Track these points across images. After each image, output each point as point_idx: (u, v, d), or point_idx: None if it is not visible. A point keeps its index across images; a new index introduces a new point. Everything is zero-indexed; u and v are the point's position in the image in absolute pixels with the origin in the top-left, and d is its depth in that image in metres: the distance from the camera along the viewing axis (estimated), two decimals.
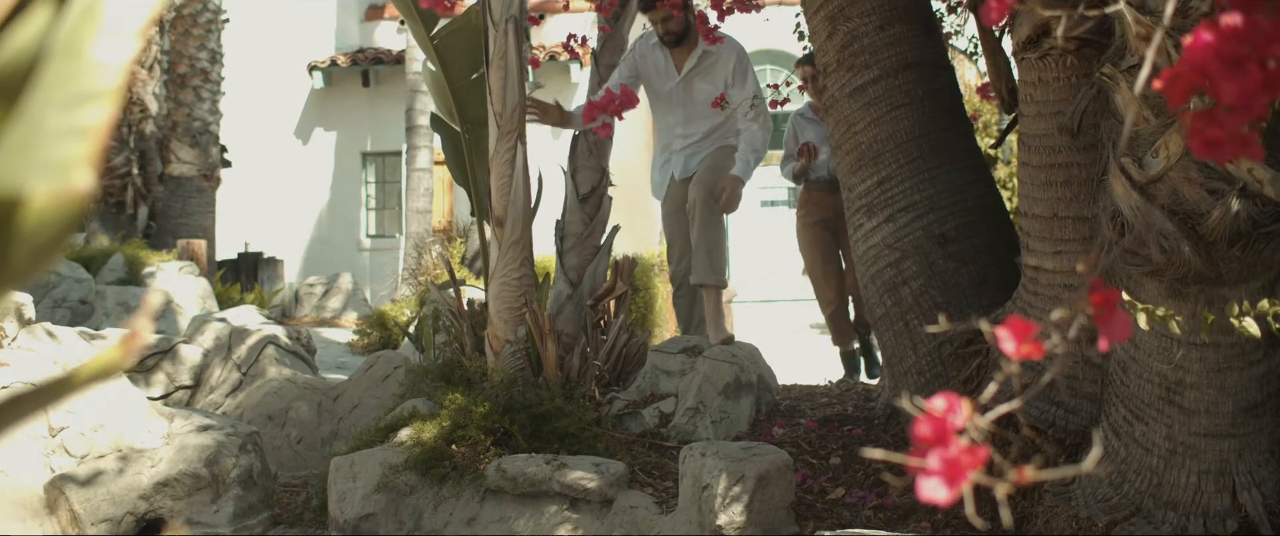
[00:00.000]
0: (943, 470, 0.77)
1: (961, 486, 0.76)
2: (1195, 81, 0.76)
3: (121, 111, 12.74)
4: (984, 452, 0.77)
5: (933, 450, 0.78)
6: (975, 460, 0.77)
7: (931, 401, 0.79)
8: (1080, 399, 3.34)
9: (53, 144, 0.48)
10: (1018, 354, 0.83)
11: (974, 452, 0.77)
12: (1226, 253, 2.56)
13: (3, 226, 0.47)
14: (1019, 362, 0.85)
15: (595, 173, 5.15)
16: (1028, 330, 0.84)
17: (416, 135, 14.03)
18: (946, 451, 0.77)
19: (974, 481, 0.77)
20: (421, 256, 11.97)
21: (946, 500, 0.77)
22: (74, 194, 0.47)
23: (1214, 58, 0.75)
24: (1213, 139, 0.81)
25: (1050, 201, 3.30)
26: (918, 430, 0.78)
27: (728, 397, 4.45)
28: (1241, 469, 2.86)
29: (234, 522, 4.05)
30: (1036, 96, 3.28)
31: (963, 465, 0.76)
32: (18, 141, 0.48)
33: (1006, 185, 10.61)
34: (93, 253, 10.65)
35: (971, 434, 0.78)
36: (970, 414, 0.79)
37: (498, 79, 4.74)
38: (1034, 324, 0.85)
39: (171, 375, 5.59)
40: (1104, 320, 0.93)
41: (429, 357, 5.39)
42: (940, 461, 0.77)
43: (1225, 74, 0.75)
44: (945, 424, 0.78)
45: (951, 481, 0.76)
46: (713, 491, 3.25)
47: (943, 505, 0.77)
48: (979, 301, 3.93)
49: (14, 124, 0.48)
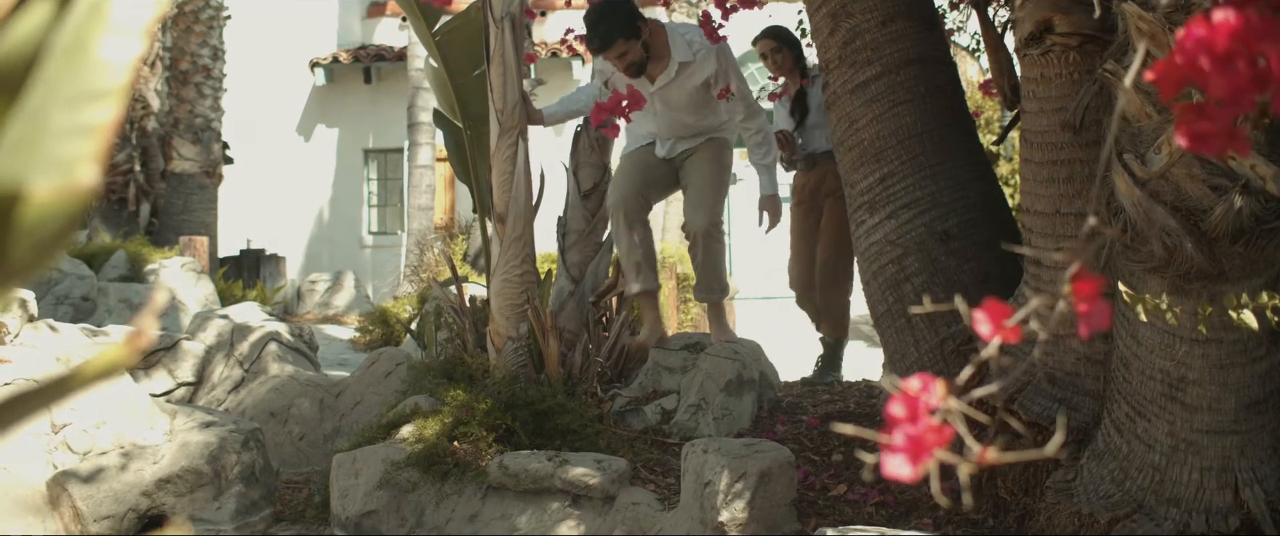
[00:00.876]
0: (907, 447, 0.77)
1: (925, 463, 0.76)
2: (1186, 75, 0.77)
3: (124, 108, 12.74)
4: (949, 431, 0.77)
5: (899, 427, 0.78)
6: (940, 438, 0.77)
7: (907, 381, 0.79)
8: (1083, 395, 3.34)
9: (57, 141, 0.48)
10: (992, 336, 0.84)
11: (939, 430, 0.77)
12: (1229, 249, 2.56)
13: (6, 222, 0.47)
14: (1000, 347, 0.86)
15: (597, 169, 5.15)
16: (1004, 313, 0.84)
17: (418, 132, 14.03)
18: (913, 428, 0.77)
19: (938, 459, 0.77)
20: (423, 253, 11.98)
21: (910, 477, 0.76)
22: (78, 190, 0.47)
23: (1206, 52, 0.76)
24: (1201, 132, 0.81)
25: (1052, 198, 3.30)
26: (890, 408, 0.78)
27: (730, 394, 4.45)
28: (1244, 465, 2.86)
29: (236, 519, 4.05)
30: (1039, 93, 3.28)
31: (927, 442, 0.76)
32: (21, 137, 0.48)
33: (1008, 182, 10.60)
34: (95, 249, 10.65)
35: (945, 416, 0.78)
36: (944, 395, 0.79)
37: (498, 75, 4.74)
38: (1010, 308, 0.85)
39: (174, 372, 5.59)
40: (1085, 308, 0.93)
41: (431, 354, 5.39)
42: (905, 438, 0.77)
43: (1216, 68, 0.76)
44: (918, 403, 0.78)
45: (915, 458, 0.76)
46: (715, 488, 3.25)
47: (907, 482, 0.77)
48: (981, 298, 3.91)
49: (17, 120, 0.48)
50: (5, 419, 0.51)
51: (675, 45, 4.91)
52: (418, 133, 14.06)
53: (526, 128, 4.83)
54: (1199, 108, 0.79)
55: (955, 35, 7.36)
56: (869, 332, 10.33)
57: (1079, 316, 0.91)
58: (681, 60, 4.90)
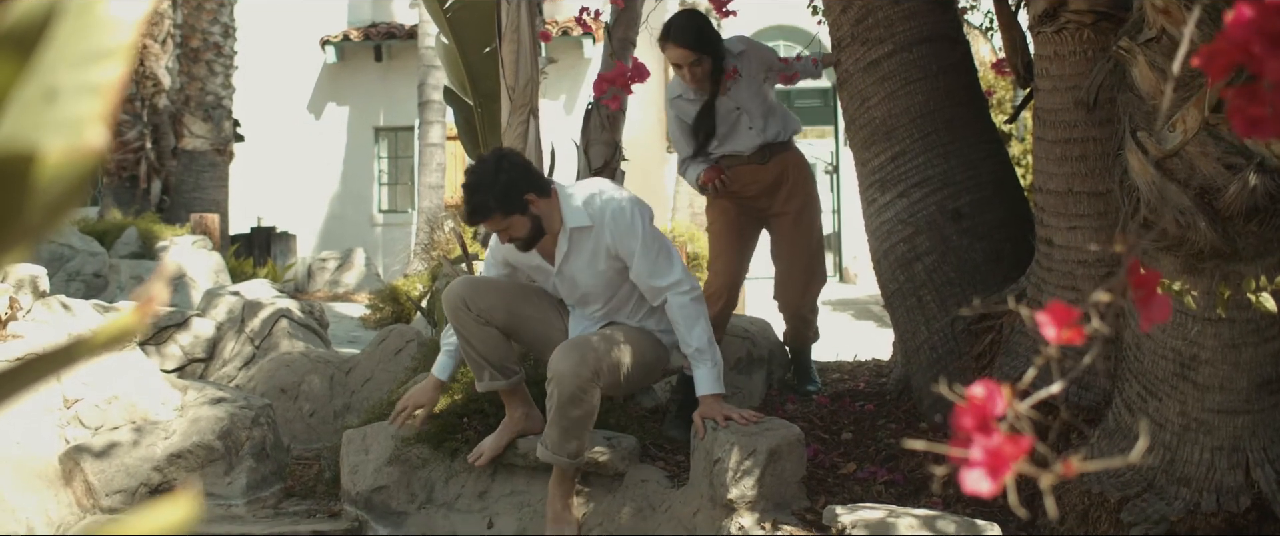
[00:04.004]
0: (986, 461, 0.75)
1: (1005, 477, 0.75)
2: (1235, 57, 0.74)
3: (134, 85, 12.76)
4: (1027, 442, 0.75)
5: (975, 439, 0.76)
6: (1019, 449, 0.75)
7: (971, 389, 0.77)
8: (1093, 375, 3.33)
9: (65, 101, 0.48)
10: (1058, 339, 0.81)
11: (1017, 442, 0.75)
12: (1243, 228, 2.54)
13: (16, 183, 0.46)
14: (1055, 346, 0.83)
15: (608, 147, 5.14)
16: (1069, 315, 0.82)
17: (429, 110, 14.03)
18: (989, 441, 0.75)
19: (1018, 471, 0.76)
20: (434, 231, 11.98)
21: (990, 492, 0.75)
22: (87, 151, 0.47)
23: (1256, 33, 0.73)
24: (1255, 117, 0.79)
25: (1065, 176, 3.29)
26: (959, 419, 0.76)
27: (740, 372, 4.45)
28: (1255, 445, 2.85)
29: (247, 494, 4.07)
30: (1052, 70, 3.26)
31: (1006, 455, 0.74)
32: (30, 99, 0.48)
33: (1021, 162, 10.57)
34: (106, 226, 10.69)
35: (1011, 421, 0.76)
36: (1010, 400, 0.77)
37: (510, 53, 4.74)
38: (1074, 309, 0.83)
39: (185, 348, 5.61)
40: (1144, 302, 0.92)
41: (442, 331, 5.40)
42: (984, 452, 0.75)
43: (1268, 50, 0.73)
44: (987, 412, 0.76)
45: (995, 472, 0.74)
46: (724, 465, 3.25)
47: (986, 497, 0.76)
48: (992, 277, 3.92)
49: (26, 81, 0.48)
50: (18, 383, 0.51)
51: (567, 209, 3.62)
52: (428, 111, 14.06)
53: (537, 105, 4.82)
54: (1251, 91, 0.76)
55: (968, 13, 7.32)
56: (879, 312, 10.33)
57: (1138, 309, 0.89)
58: (573, 227, 3.62)
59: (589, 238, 3.62)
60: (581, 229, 3.60)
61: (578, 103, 15.31)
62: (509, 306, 3.68)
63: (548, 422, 3.51)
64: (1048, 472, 0.76)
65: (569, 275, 3.69)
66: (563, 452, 3.50)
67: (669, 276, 3.56)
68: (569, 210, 3.61)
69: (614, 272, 3.66)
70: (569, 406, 3.43)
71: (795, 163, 4.51)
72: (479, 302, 3.61)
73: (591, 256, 3.63)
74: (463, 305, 3.61)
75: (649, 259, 3.56)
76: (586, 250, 3.63)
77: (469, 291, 3.63)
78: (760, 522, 3.19)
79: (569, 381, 3.40)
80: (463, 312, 3.61)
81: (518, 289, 3.78)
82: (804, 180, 4.51)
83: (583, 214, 3.61)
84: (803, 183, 4.51)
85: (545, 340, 3.73)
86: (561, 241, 3.62)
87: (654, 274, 3.56)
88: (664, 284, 3.55)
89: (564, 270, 3.68)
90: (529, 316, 3.73)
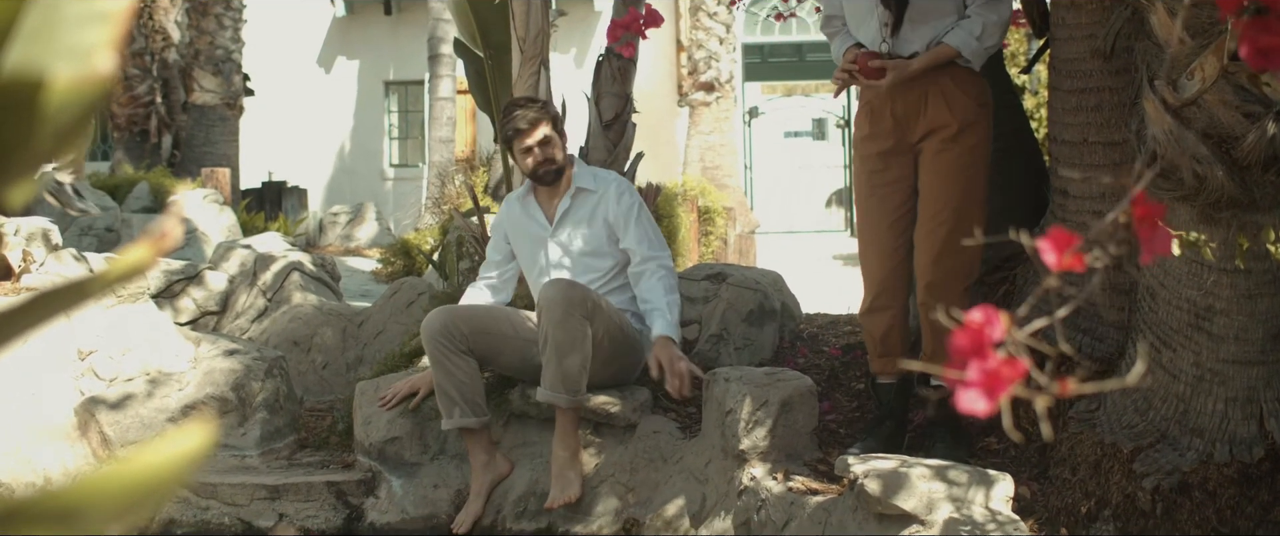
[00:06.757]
0: (982, 382, 0.76)
1: (1001, 398, 0.76)
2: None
3: (144, 40, 12.72)
4: (1023, 366, 0.76)
5: (971, 362, 0.77)
6: (1015, 372, 0.76)
7: (969, 313, 0.78)
8: (1107, 326, 3.33)
9: (74, 28, 0.47)
10: (1059, 266, 0.82)
11: (1013, 364, 0.76)
12: (1261, 177, 2.52)
13: (26, 109, 0.46)
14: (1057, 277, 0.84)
15: (619, 99, 5.11)
16: (1068, 241, 0.82)
17: (439, 64, 13.98)
18: (985, 363, 0.77)
19: (1013, 393, 0.77)
20: (444, 185, 11.97)
21: (985, 411, 0.76)
22: (95, 77, 0.47)
23: None
24: (1266, 46, 0.78)
25: (1080, 127, 3.26)
26: (955, 341, 0.77)
27: (751, 325, 4.45)
28: (1269, 396, 2.84)
29: (261, 445, 4.09)
30: (1069, 19, 3.23)
31: (1003, 377, 0.76)
32: (38, 26, 0.47)
33: (1033, 116, 10.49)
34: (118, 181, 10.71)
35: (1009, 348, 0.77)
36: (1008, 327, 0.78)
37: (521, 3, 4.70)
38: (1075, 236, 0.83)
39: (198, 301, 5.63)
40: (1146, 234, 0.91)
41: (453, 284, 5.40)
42: (980, 373, 0.76)
43: None
44: (983, 335, 0.77)
45: (991, 393, 0.76)
46: (736, 416, 3.26)
47: (981, 417, 0.77)
48: (1007, 229, 3.89)
49: (35, 9, 0.47)
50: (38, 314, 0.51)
51: (576, 171, 3.94)
52: (438, 65, 14.01)
53: (548, 57, 4.79)
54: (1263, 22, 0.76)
55: None
56: None
57: (1140, 241, 0.89)
58: (582, 185, 3.89)
59: (590, 201, 3.90)
60: (586, 191, 3.90)
61: (588, 57, 15.23)
62: (487, 328, 3.76)
63: (543, 361, 3.54)
64: (1042, 393, 0.76)
65: (563, 238, 3.91)
66: (561, 388, 3.51)
67: (659, 249, 3.89)
68: (578, 173, 3.95)
69: (604, 241, 3.89)
70: (558, 330, 3.46)
71: (940, 91, 3.41)
72: (458, 329, 3.67)
73: (588, 219, 3.89)
74: (442, 332, 3.66)
75: (643, 228, 3.88)
76: (585, 213, 3.90)
77: (448, 318, 3.70)
78: (772, 473, 3.20)
79: (558, 306, 3.48)
80: (440, 341, 3.65)
81: (496, 313, 3.90)
82: (949, 121, 3.44)
83: (590, 178, 3.95)
84: (947, 124, 3.43)
85: (526, 360, 3.79)
86: (565, 199, 3.90)
87: (647, 243, 3.87)
88: (654, 254, 3.85)
89: (560, 231, 3.91)
90: (508, 336, 3.80)
